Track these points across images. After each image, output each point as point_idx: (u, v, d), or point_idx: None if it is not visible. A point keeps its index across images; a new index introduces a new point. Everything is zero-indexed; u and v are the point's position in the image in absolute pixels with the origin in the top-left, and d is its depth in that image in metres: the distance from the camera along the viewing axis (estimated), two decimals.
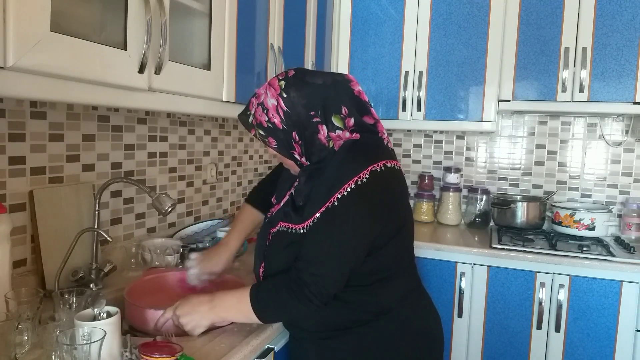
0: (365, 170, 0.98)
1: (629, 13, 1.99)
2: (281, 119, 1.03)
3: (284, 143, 1.06)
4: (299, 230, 1.03)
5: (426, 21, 2.26)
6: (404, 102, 2.29)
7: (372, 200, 0.99)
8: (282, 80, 1.04)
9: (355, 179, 0.97)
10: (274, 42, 1.71)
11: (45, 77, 0.87)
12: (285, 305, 1.02)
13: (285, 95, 1.02)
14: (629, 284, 1.84)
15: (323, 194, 1.00)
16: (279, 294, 1.02)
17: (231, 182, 2.17)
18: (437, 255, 2.06)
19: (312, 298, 0.98)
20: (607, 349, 1.87)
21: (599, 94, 2.04)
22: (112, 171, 1.49)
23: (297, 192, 1.09)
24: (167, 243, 1.59)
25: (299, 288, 0.99)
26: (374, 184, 0.98)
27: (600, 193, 2.41)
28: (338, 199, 0.97)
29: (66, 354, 0.79)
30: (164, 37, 1.11)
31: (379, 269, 1.06)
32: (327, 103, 1.03)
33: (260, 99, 1.06)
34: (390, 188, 1.03)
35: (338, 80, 1.07)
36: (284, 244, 1.06)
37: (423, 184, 2.59)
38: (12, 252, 1.02)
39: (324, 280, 0.99)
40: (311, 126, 1.03)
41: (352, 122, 1.05)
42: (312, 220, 1.01)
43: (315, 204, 1.01)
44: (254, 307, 1.02)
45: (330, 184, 0.99)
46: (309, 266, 0.99)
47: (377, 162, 1.00)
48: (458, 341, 2.06)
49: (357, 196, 0.97)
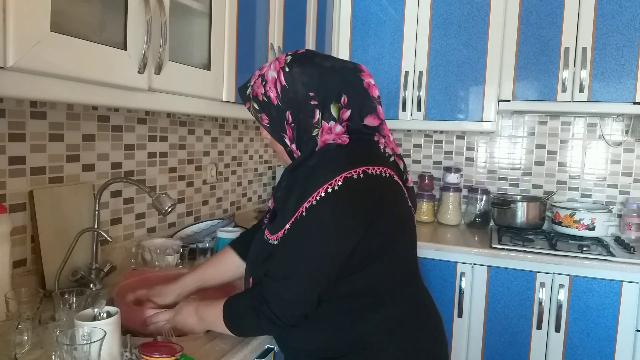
0: (337, 177, 0.87)
1: (629, 13, 1.99)
2: (277, 94, 0.96)
3: (276, 122, 0.99)
4: (274, 242, 0.97)
5: (426, 21, 2.26)
6: (404, 102, 2.29)
7: (344, 210, 0.88)
8: (289, 55, 0.98)
9: (326, 187, 0.87)
10: (274, 42, 1.71)
11: (45, 77, 0.87)
12: (251, 324, 0.98)
13: (287, 70, 0.96)
14: (629, 284, 1.84)
15: (293, 202, 0.92)
16: (244, 312, 0.97)
17: (231, 182, 2.17)
18: (437, 255, 2.06)
19: (273, 318, 0.91)
20: (607, 349, 1.87)
21: (599, 94, 2.04)
22: (112, 171, 1.49)
23: (277, 200, 1.03)
24: (167, 243, 1.59)
25: (260, 305, 0.92)
26: (348, 192, 0.87)
27: (600, 193, 2.41)
28: (306, 208, 0.88)
29: (66, 354, 0.79)
30: (164, 37, 1.11)
31: (360, 292, 0.95)
32: (328, 87, 0.95)
33: (262, 70, 1.00)
34: (369, 197, 0.90)
35: (348, 67, 0.99)
36: (264, 254, 0.99)
37: (423, 184, 2.59)
38: (12, 252, 1.02)
39: (285, 300, 0.91)
40: (307, 108, 0.95)
41: (347, 115, 0.96)
42: (282, 232, 0.94)
43: (286, 213, 0.94)
44: (227, 325, 0.99)
45: (301, 192, 0.91)
46: (271, 284, 0.92)
47: (353, 168, 0.89)
48: (458, 341, 2.06)
49: (326, 205, 0.87)
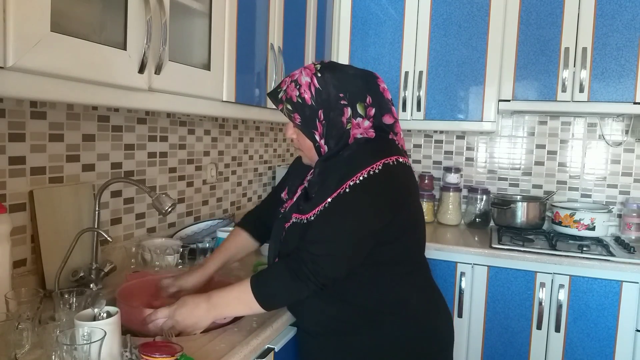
0: (378, 162, 1.02)
1: (629, 13, 1.99)
2: (311, 95, 1.09)
3: (308, 120, 1.10)
4: (310, 219, 1.07)
5: (426, 21, 2.26)
6: (404, 102, 2.29)
7: (383, 190, 1.03)
8: (317, 64, 1.12)
9: (368, 169, 1.01)
10: (274, 42, 1.71)
11: (45, 77, 0.87)
12: (285, 286, 1.04)
13: (319, 75, 1.09)
14: (629, 284, 1.84)
15: (334, 183, 1.04)
16: (278, 275, 1.04)
17: (231, 182, 2.17)
18: (437, 255, 2.06)
19: (309, 276, 1.00)
20: (607, 349, 1.87)
21: (599, 94, 2.04)
22: (112, 171, 1.49)
23: (311, 185, 1.14)
24: (167, 243, 1.59)
25: (297, 265, 1.01)
26: (386, 175, 1.02)
27: (600, 193, 2.41)
28: (350, 186, 1.01)
29: (66, 354, 0.79)
30: (164, 37, 1.11)
31: (393, 261, 1.10)
32: (355, 89, 1.10)
33: (294, 77, 1.12)
34: (402, 182, 1.07)
35: (367, 73, 1.15)
36: (297, 236, 1.09)
37: (423, 184, 2.59)
38: (12, 252, 1.02)
39: (322, 261, 1.01)
40: (337, 107, 1.09)
41: (373, 112, 1.11)
42: (322, 206, 1.05)
43: (326, 191, 1.05)
44: (256, 293, 1.03)
45: (343, 173, 1.03)
46: (310, 246, 1.02)
47: (390, 157, 1.04)
48: (458, 341, 2.05)
49: (368, 185, 1.01)
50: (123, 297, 1.16)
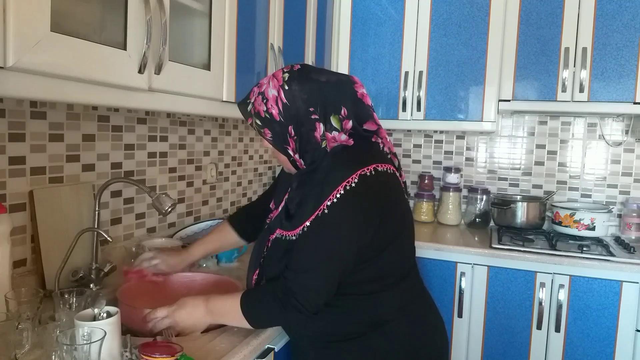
0: (353, 175, 0.96)
1: (629, 13, 1.99)
2: (279, 111, 1.02)
3: (279, 136, 1.04)
4: (292, 237, 1.03)
5: (426, 21, 2.26)
6: (404, 102, 2.29)
7: (362, 205, 0.98)
8: (286, 72, 1.03)
9: (344, 185, 0.96)
10: (274, 42, 1.71)
11: (45, 77, 0.87)
12: (274, 314, 1.03)
13: (287, 88, 1.01)
14: (629, 284, 1.84)
15: (313, 201, 0.99)
16: (267, 303, 1.02)
17: (231, 182, 2.17)
18: (437, 255, 2.06)
19: (299, 308, 0.98)
20: (607, 349, 1.87)
21: (599, 94, 2.04)
22: (112, 171, 1.49)
23: (290, 200, 1.09)
24: (167, 243, 1.59)
25: (286, 297, 0.99)
26: (364, 188, 0.97)
27: (600, 193, 2.41)
28: (328, 206, 0.96)
29: (66, 354, 0.79)
30: (164, 37, 1.11)
31: (375, 277, 1.05)
32: (327, 101, 1.02)
33: (261, 88, 1.05)
34: (381, 192, 1.01)
35: (342, 80, 1.06)
36: (280, 252, 1.06)
37: (423, 184, 2.59)
38: (12, 252, 1.02)
39: (311, 290, 0.98)
40: (308, 122, 1.02)
41: (350, 125, 1.04)
42: (302, 229, 1.00)
43: (305, 211, 1.00)
44: (245, 315, 1.03)
45: (320, 191, 0.98)
46: (296, 276, 0.99)
47: (366, 166, 0.98)
48: (458, 341, 2.06)
49: (346, 202, 0.96)
50: (123, 297, 1.16)
